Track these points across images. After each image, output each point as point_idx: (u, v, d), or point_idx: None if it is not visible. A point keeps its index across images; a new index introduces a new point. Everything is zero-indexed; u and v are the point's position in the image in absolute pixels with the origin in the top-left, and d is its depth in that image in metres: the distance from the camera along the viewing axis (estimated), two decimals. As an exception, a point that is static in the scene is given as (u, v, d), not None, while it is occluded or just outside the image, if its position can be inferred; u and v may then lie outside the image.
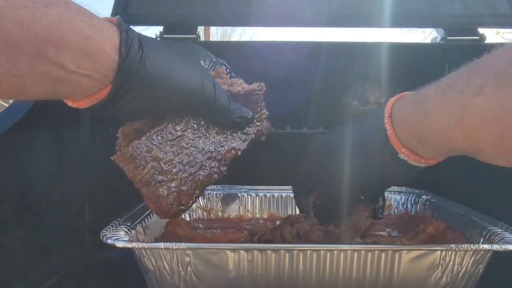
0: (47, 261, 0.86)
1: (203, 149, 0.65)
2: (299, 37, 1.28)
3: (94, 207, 1.04)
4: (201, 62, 0.67)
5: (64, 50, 0.47)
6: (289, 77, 1.11)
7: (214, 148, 0.66)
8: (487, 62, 0.50)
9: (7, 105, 1.03)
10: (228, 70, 0.73)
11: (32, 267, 0.82)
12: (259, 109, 0.74)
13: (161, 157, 0.62)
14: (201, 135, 0.66)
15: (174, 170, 0.62)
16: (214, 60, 0.70)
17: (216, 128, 0.68)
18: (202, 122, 0.66)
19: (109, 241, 0.64)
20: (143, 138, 0.63)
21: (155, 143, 0.62)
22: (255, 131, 0.73)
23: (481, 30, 1.12)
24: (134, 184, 0.63)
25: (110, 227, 0.69)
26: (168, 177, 0.62)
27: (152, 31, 1.18)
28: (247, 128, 0.71)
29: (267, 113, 0.76)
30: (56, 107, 0.90)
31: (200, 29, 1.23)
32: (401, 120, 0.59)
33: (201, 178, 0.64)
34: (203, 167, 0.65)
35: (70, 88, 0.51)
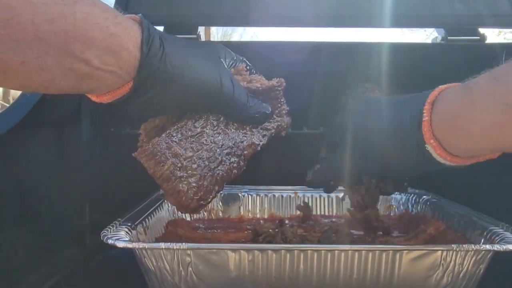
0: (48, 261, 0.87)
1: (222, 145, 0.66)
2: (300, 37, 1.28)
3: (95, 208, 1.04)
4: (221, 60, 0.67)
5: (90, 46, 0.49)
6: (289, 77, 1.10)
7: (234, 144, 0.67)
8: None
9: (8, 105, 1.03)
10: (248, 67, 0.74)
11: (32, 267, 0.82)
12: (279, 104, 0.75)
13: (181, 153, 0.63)
14: (220, 131, 0.67)
15: (194, 166, 0.63)
16: (235, 57, 0.70)
17: (235, 124, 0.69)
18: (222, 119, 0.67)
19: (110, 241, 0.64)
20: (163, 135, 0.64)
21: (175, 139, 0.63)
22: (275, 126, 0.74)
23: (481, 30, 1.12)
24: (155, 180, 0.63)
25: (110, 227, 0.69)
26: (188, 172, 0.63)
27: (152, 31, 1.18)
28: (267, 123, 0.72)
29: (287, 108, 0.76)
30: (57, 108, 0.91)
31: (201, 29, 1.23)
32: (442, 108, 0.55)
33: (220, 173, 0.65)
34: (223, 163, 0.66)
35: (94, 83, 0.52)
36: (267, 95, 0.73)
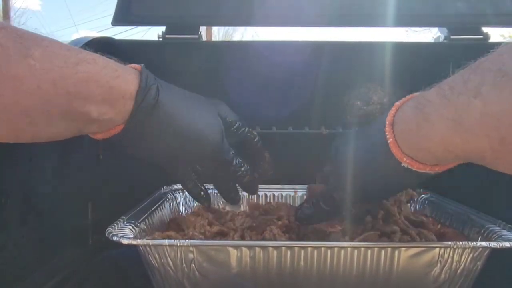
0: (51, 260, 0.87)
1: None
2: (302, 37, 1.29)
3: (97, 207, 1.05)
4: (219, 117, 0.70)
5: (90, 101, 0.54)
6: (291, 77, 1.11)
7: None
8: (487, 61, 0.47)
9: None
10: (256, 140, 0.78)
11: (35, 267, 0.82)
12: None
13: None
14: None
15: None
16: (239, 122, 0.74)
17: None
18: None
19: (115, 238, 0.65)
20: None
21: None
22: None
23: (484, 29, 1.12)
24: None
25: (115, 225, 0.70)
26: None
27: (154, 31, 1.18)
28: None
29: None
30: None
31: (202, 29, 1.23)
32: (402, 127, 0.57)
33: None
34: None
35: (92, 128, 0.58)
36: None
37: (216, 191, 1.01)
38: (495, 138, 0.45)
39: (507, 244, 0.65)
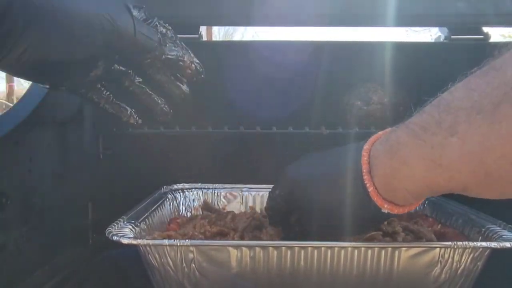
0: (51, 260, 0.87)
1: None
2: (302, 37, 1.29)
3: (97, 207, 1.05)
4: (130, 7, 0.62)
5: None
6: (291, 77, 1.11)
7: None
8: (456, 98, 0.47)
9: (12, 105, 1.04)
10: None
11: (36, 266, 0.83)
12: None
13: None
14: None
15: None
16: (151, 19, 0.68)
17: None
18: None
19: (115, 238, 0.65)
20: None
21: None
22: None
23: (485, 29, 1.11)
24: None
25: (115, 224, 0.70)
26: None
27: (154, 31, 1.18)
28: None
29: None
30: (59, 107, 0.92)
31: (202, 29, 1.23)
32: (380, 173, 0.56)
33: None
34: None
35: None
36: None
37: (216, 192, 1.04)
38: (480, 173, 0.45)
39: (507, 244, 0.64)
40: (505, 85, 0.41)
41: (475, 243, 0.66)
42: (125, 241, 0.65)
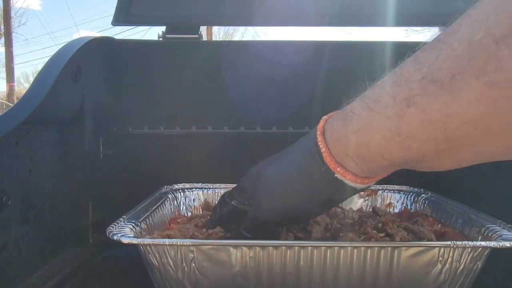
0: (51, 260, 0.87)
1: None
2: (302, 37, 1.29)
3: (98, 207, 1.05)
4: None
5: None
6: (291, 77, 1.11)
7: None
8: (406, 72, 0.49)
9: (12, 105, 1.04)
10: None
11: (36, 266, 0.83)
12: None
13: None
14: None
15: None
16: None
17: None
18: None
19: (115, 237, 0.65)
20: None
21: None
22: None
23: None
24: None
25: (115, 224, 0.70)
26: None
27: (154, 31, 1.19)
28: None
29: None
30: (60, 107, 0.92)
31: (202, 29, 1.24)
32: (333, 138, 0.58)
33: None
34: None
35: None
36: None
37: (216, 192, 1.04)
38: (441, 140, 0.46)
39: (507, 244, 0.64)
40: (455, 56, 0.43)
41: (474, 242, 0.66)
42: (125, 240, 0.65)
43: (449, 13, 1.08)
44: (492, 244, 0.65)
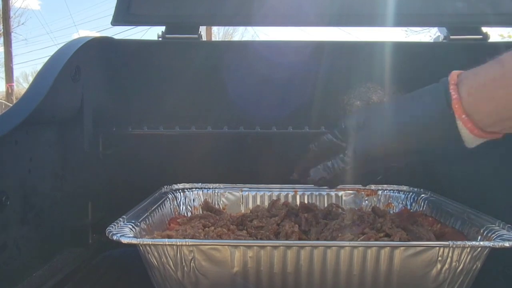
0: (51, 259, 0.87)
1: None
2: (302, 37, 1.29)
3: (97, 207, 1.05)
4: None
5: None
6: (291, 77, 1.11)
7: None
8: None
9: (11, 105, 1.04)
10: None
11: (35, 266, 0.83)
12: None
13: None
14: None
15: None
16: None
17: None
18: None
19: (115, 238, 0.65)
20: None
21: None
22: None
23: (484, 29, 1.12)
24: None
25: (115, 224, 0.70)
26: None
27: (154, 31, 1.19)
28: None
29: None
30: (60, 107, 0.92)
31: (202, 29, 1.23)
32: (471, 83, 0.60)
33: None
34: None
35: None
36: None
37: (217, 192, 1.04)
38: None
39: (506, 244, 0.65)
40: None
41: (473, 242, 0.66)
42: (125, 240, 0.65)
43: (449, 14, 1.08)
44: (492, 244, 0.65)
